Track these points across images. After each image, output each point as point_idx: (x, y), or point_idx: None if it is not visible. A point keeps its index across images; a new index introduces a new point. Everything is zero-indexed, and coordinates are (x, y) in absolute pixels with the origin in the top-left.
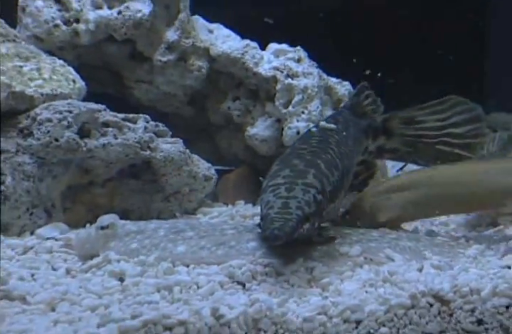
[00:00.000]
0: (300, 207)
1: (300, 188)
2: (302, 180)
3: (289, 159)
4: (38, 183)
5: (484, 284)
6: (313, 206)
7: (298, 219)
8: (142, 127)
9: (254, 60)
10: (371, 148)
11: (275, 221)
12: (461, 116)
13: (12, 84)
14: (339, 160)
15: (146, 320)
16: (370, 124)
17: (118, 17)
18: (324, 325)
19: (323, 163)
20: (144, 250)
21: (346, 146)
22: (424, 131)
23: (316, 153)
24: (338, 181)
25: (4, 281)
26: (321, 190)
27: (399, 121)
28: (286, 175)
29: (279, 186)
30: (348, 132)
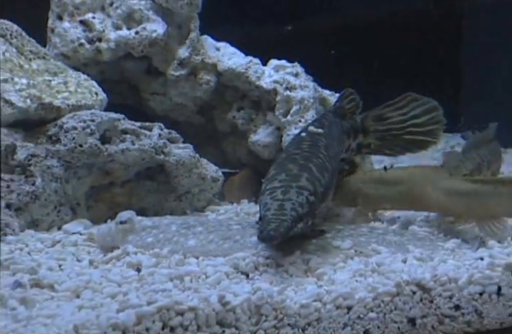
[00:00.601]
0: (294, 208)
1: (294, 191)
2: (296, 183)
3: (285, 164)
4: (64, 184)
5: (461, 274)
6: (306, 207)
7: (292, 219)
8: (157, 134)
9: (256, 75)
10: (353, 145)
11: (271, 222)
12: (420, 108)
13: (42, 96)
14: (328, 163)
15: (160, 306)
16: (352, 125)
17: (136, 36)
18: (319, 310)
19: (315, 166)
20: (159, 243)
21: (333, 148)
22: (391, 125)
23: (308, 157)
24: (328, 182)
25: (35, 271)
26: (314, 192)
27: (371, 119)
28: (282, 179)
29: (276, 189)
30: (332, 134)
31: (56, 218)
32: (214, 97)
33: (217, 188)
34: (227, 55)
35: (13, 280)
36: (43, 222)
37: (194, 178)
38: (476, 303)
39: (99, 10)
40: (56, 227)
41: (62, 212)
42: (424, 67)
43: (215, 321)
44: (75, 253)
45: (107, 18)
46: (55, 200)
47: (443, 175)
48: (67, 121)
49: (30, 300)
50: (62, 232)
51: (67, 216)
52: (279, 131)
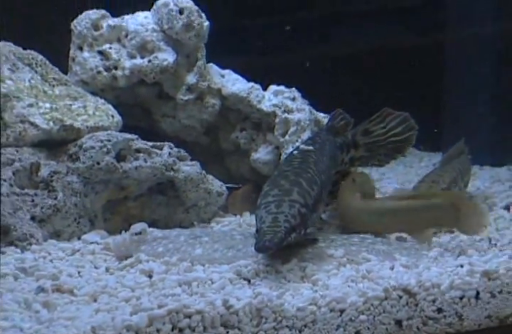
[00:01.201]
0: (287, 220)
1: (287, 204)
2: (288, 197)
3: (277, 180)
4: (83, 198)
5: (443, 280)
6: (298, 218)
7: (286, 230)
8: (167, 153)
9: (257, 99)
10: (346, 159)
11: (267, 234)
12: (395, 120)
13: (64, 118)
14: (317, 177)
15: (170, 309)
16: (344, 141)
17: (148, 65)
18: (314, 313)
19: (305, 181)
20: (168, 252)
21: (323, 163)
22: (376, 137)
23: (298, 173)
24: (317, 195)
25: (56, 277)
26: (304, 204)
27: (360, 134)
28: (275, 194)
29: (270, 204)
30: (324, 150)
31: (76, 229)
32: (219, 119)
33: (221, 202)
34: (231, 81)
35: (36, 285)
36: (64, 233)
37: (201, 192)
38: (457, 307)
39: (116, 41)
40: (76, 237)
41: (82, 224)
42: (410, 93)
43: (220, 323)
44: (92, 261)
45: (122, 48)
46: (75, 212)
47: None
48: (86, 141)
49: (52, 304)
50: (81, 241)
51: (86, 227)
52: (277, 149)
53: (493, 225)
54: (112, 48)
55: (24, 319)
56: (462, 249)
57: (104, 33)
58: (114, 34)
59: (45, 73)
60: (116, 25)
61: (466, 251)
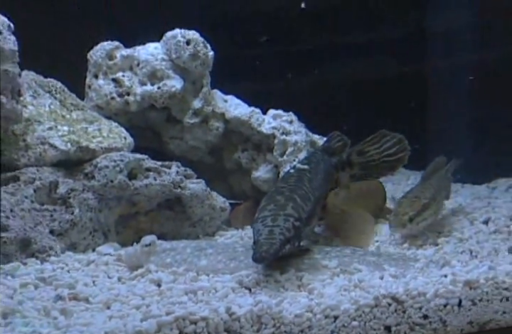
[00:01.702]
0: (282, 233)
1: (282, 218)
2: (283, 211)
3: (274, 196)
4: (98, 213)
5: (428, 289)
6: (292, 231)
7: (280, 242)
8: (175, 171)
9: (257, 122)
10: (342, 175)
11: (263, 245)
12: (390, 141)
13: (80, 140)
14: (311, 194)
15: (177, 316)
16: (339, 160)
17: (158, 91)
18: (310, 319)
19: (299, 197)
20: (176, 263)
21: (316, 181)
22: (371, 157)
23: (293, 190)
24: (311, 210)
25: (73, 286)
26: (298, 218)
27: (355, 154)
28: (271, 208)
29: (266, 218)
30: (318, 169)
31: (91, 242)
32: (222, 140)
33: (225, 216)
34: (234, 106)
35: (55, 294)
36: (80, 245)
37: (206, 208)
38: (441, 313)
39: (128, 69)
40: (91, 249)
41: (96, 237)
42: (398, 117)
43: (223, 329)
44: (106, 271)
45: (134, 76)
46: (90, 226)
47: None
48: (101, 161)
49: (69, 311)
50: (95, 253)
51: (100, 240)
52: (276, 168)
53: (474, 238)
54: (125, 76)
55: (43, 325)
56: (446, 260)
57: (117, 62)
58: (127, 63)
59: (64, 99)
60: (129, 55)
61: (449, 262)
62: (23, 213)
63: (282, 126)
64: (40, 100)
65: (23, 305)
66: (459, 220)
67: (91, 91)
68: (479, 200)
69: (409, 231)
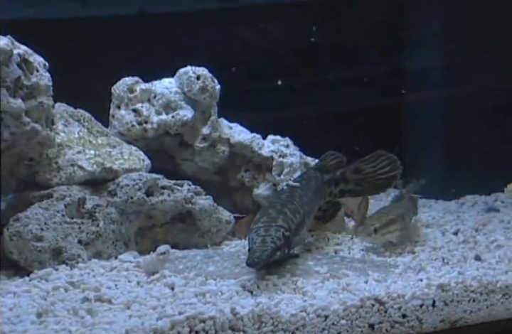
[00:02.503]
0: (273, 241)
1: (274, 229)
2: (275, 223)
3: (267, 210)
4: (119, 226)
5: (407, 291)
6: (283, 240)
7: (272, 249)
8: (186, 189)
9: (258, 146)
10: (335, 191)
11: (256, 252)
12: (385, 161)
13: (104, 162)
14: (300, 208)
15: (188, 315)
16: (332, 177)
17: (172, 120)
18: (304, 318)
19: (289, 210)
20: (187, 269)
21: (307, 197)
22: (366, 174)
23: (284, 204)
24: (300, 222)
25: (98, 289)
26: (288, 229)
27: (351, 172)
28: (264, 220)
29: (260, 228)
30: (309, 186)
31: (113, 250)
32: (227, 162)
33: (229, 228)
34: (237, 132)
35: (82, 296)
36: (104, 253)
37: (213, 220)
38: (418, 313)
39: (146, 101)
40: (113, 257)
41: (118, 246)
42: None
43: (228, 327)
44: (126, 276)
45: (151, 107)
46: (113, 237)
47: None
48: (122, 180)
49: (94, 311)
50: (117, 260)
51: (122, 249)
52: (274, 186)
53: (445, 247)
54: (143, 107)
55: (72, 323)
56: (421, 266)
57: (137, 95)
58: (145, 96)
59: (91, 127)
60: (147, 88)
61: (424, 268)
62: (55, 225)
63: (280, 150)
64: (71, 128)
65: (54, 305)
66: (432, 231)
67: (114, 120)
68: (450, 213)
69: (373, 240)
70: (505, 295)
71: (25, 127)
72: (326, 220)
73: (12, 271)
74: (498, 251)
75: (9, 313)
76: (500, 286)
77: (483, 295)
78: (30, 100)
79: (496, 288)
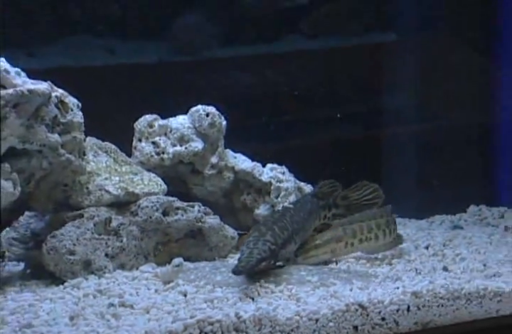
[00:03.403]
0: (259, 253)
1: (261, 242)
2: (263, 237)
3: (259, 227)
4: (140, 241)
5: (385, 297)
6: (268, 252)
7: (257, 260)
8: (197, 210)
9: (258, 173)
10: (329, 215)
11: (242, 262)
12: (369, 189)
13: (127, 187)
14: (289, 226)
15: (199, 319)
16: (326, 203)
17: (185, 151)
18: (298, 321)
19: (278, 227)
20: (198, 279)
21: (298, 217)
22: (353, 201)
23: (274, 222)
24: (287, 238)
25: (122, 296)
26: (274, 243)
27: (340, 198)
28: (255, 235)
29: (250, 242)
30: (303, 208)
31: (135, 262)
32: (232, 186)
33: (234, 243)
34: (241, 161)
35: (108, 302)
36: (127, 265)
37: (220, 237)
38: (395, 316)
39: (163, 135)
40: (135, 268)
41: (139, 259)
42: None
43: (233, 328)
44: (146, 284)
45: (167, 140)
46: (134, 251)
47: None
48: (143, 202)
49: (118, 315)
50: (138, 271)
51: (142, 261)
52: (272, 207)
53: (418, 259)
54: (161, 140)
55: (99, 326)
56: (398, 276)
57: (155, 130)
58: (163, 130)
59: (116, 157)
60: (164, 124)
61: (400, 278)
62: (85, 241)
63: (277, 176)
64: (99, 158)
65: (84, 310)
66: (407, 246)
67: (136, 151)
68: (421, 231)
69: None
70: (468, 301)
71: (61, 158)
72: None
73: (49, 281)
74: (462, 263)
75: (46, 317)
76: (465, 293)
77: (450, 301)
78: (65, 135)
79: (460, 294)
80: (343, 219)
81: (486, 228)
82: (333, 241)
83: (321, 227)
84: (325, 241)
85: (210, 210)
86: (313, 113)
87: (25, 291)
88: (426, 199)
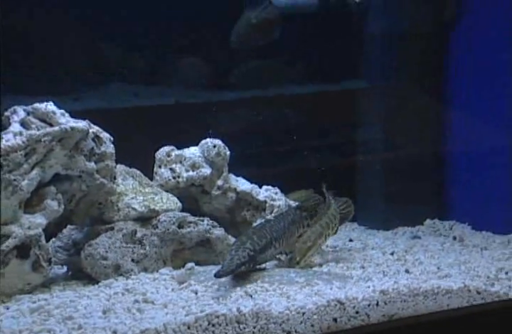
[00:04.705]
0: (239, 259)
1: (241, 249)
2: (243, 245)
3: (241, 237)
4: (160, 249)
5: (359, 295)
6: (247, 258)
7: (236, 265)
8: (206, 223)
9: (256, 193)
10: (311, 223)
11: (224, 266)
12: (341, 202)
13: (150, 205)
14: (268, 234)
15: (207, 313)
16: (308, 213)
17: (196, 175)
18: (288, 315)
19: (256, 236)
20: (206, 280)
21: (278, 226)
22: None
23: (254, 232)
24: (265, 245)
25: (144, 294)
26: (253, 250)
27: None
28: (237, 244)
29: (232, 250)
30: (284, 219)
31: (156, 266)
32: (234, 204)
33: None
34: (241, 183)
35: (134, 299)
36: (149, 269)
37: (225, 245)
38: (366, 310)
39: (179, 163)
40: (155, 271)
41: (159, 263)
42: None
43: (235, 321)
44: (164, 285)
45: (182, 167)
46: (155, 257)
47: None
48: (162, 217)
49: (142, 310)
50: (158, 273)
51: (161, 265)
52: None
53: (385, 264)
54: (177, 167)
55: (127, 318)
56: (369, 277)
57: (172, 158)
58: (178, 159)
59: (141, 180)
60: (179, 154)
61: (371, 278)
62: (115, 249)
63: (271, 196)
64: (127, 181)
65: (115, 305)
66: (376, 253)
67: (156, 175)
68: (388, 240)
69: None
70: (425, 297)
71: (96, 181)
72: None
73: (86, 281)
74: (420, 266)
75: (84, 310)
76: (422, 291)
77: (411, 297)
78: (100, 163)
79: (419, 292)
80: (314, 219)
81: (439, 238)
82: (318, 238)
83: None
84: (314, 241)
85: (217, 224)
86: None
87: (67, 289)
88: (391, 214)
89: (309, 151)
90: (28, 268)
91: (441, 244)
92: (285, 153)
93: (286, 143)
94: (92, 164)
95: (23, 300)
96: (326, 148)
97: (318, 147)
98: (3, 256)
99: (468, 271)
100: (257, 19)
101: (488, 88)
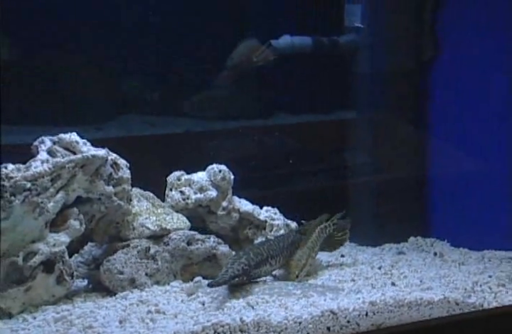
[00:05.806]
0: (233, 271)
1: (236, 263)
2: (239, 260)
3: (239, 253)
4: (170, 264)
5: (350, 306)
6: (241, 271)
7: (229, 277)
8: (212, 240)
9: (257, 213)
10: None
11: (218, 277)
12: (341, 228)
13: (162, 224)
14: (265, 252)
15: (213, 322)
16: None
17: (203, 197)
18: (286, 324)
19: (253, 253)
20: (212, 292)
21: (276, 246)
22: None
23: (251, 249)
24: (260, 261)
25: (157, 305)
26: (247, 264)
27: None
28: (234, 258)
29: (228, 263)
30: (284, 240)
31: (167, 280)
32: (238, 223)
33: None
34: (244, 204)
35: (147, 309)
36: (161, 282)
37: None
38: (357, 320)
39: (188, 186)
40: (167, 284)
41: (170, 277)
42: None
43: (238, 330)
44: (175, 296)
45: (191, 189)
46: (166, 271)
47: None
48: (172, 235)
49: (154, 319)
50: (169, 286)
51: (172, 279)
52: (267, 238)
53: (373, 277)
54: (186, 189)
55: (141, 327)
56: (359, 289)
57: (182, 182)
58: (187, 182)
59: (153, 202)
60: (188, 178)
61: (361, 291)
62: (131, 264)
63: (271, 216)
64: (141, 203)
65: (130, 315)
66: (365, 267)
67: (168, 198)
68: (375, 255)
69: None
70: (409, 308)
71: (114, 203)
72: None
73: (105, 293)
74: (405, 280)
75: (102, 320)
76: (407, 302)
77: (397, 308)
78: (117, 187)
79: (404, 303)
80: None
81: (422, 253)
82: (310, 256)
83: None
84: (306, 260)
85: (222, 241)
86: (296, 169)
87: (88, 300)
88: (379, 232)
89: (306, 174)
90: (52, 282)
91: (423, 259)
92: (283, 177)
93: (284, 168)
94: (111, 188)
95: (48, 311)
96: (321, 173)
97: (310, 172)
98: (31, 271)
99: (448, 284)
100: (257, 58)
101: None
